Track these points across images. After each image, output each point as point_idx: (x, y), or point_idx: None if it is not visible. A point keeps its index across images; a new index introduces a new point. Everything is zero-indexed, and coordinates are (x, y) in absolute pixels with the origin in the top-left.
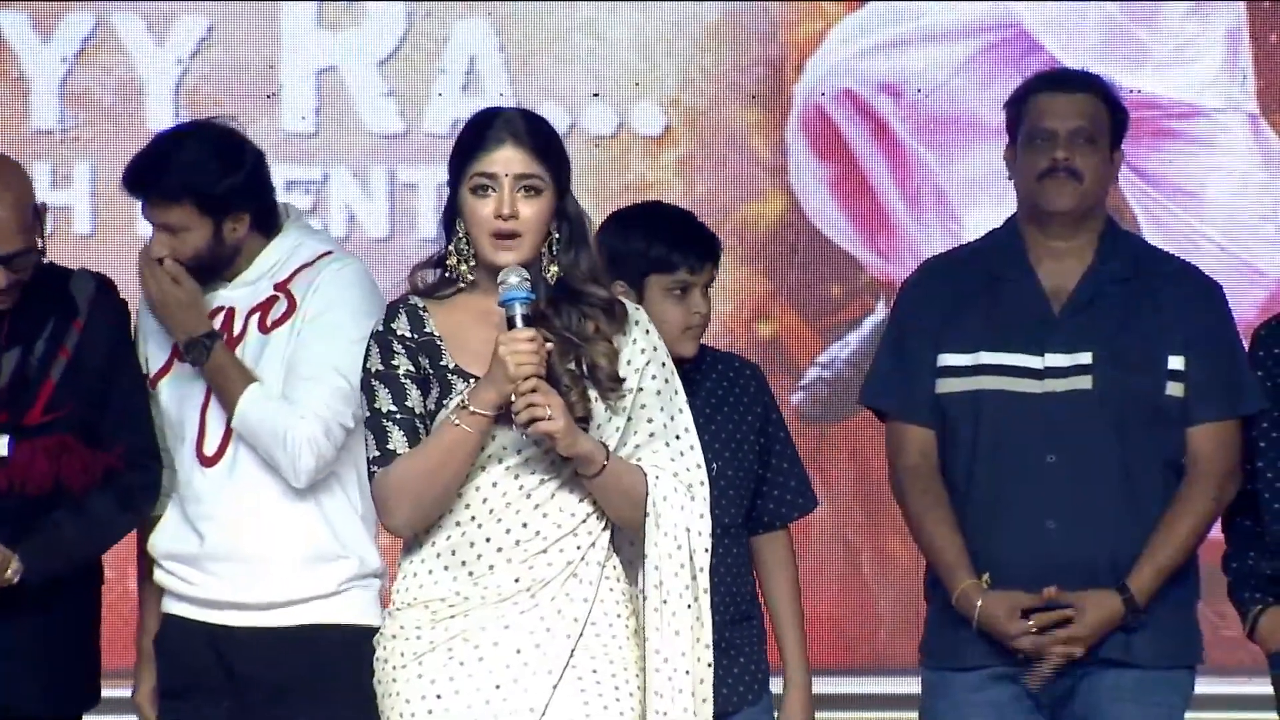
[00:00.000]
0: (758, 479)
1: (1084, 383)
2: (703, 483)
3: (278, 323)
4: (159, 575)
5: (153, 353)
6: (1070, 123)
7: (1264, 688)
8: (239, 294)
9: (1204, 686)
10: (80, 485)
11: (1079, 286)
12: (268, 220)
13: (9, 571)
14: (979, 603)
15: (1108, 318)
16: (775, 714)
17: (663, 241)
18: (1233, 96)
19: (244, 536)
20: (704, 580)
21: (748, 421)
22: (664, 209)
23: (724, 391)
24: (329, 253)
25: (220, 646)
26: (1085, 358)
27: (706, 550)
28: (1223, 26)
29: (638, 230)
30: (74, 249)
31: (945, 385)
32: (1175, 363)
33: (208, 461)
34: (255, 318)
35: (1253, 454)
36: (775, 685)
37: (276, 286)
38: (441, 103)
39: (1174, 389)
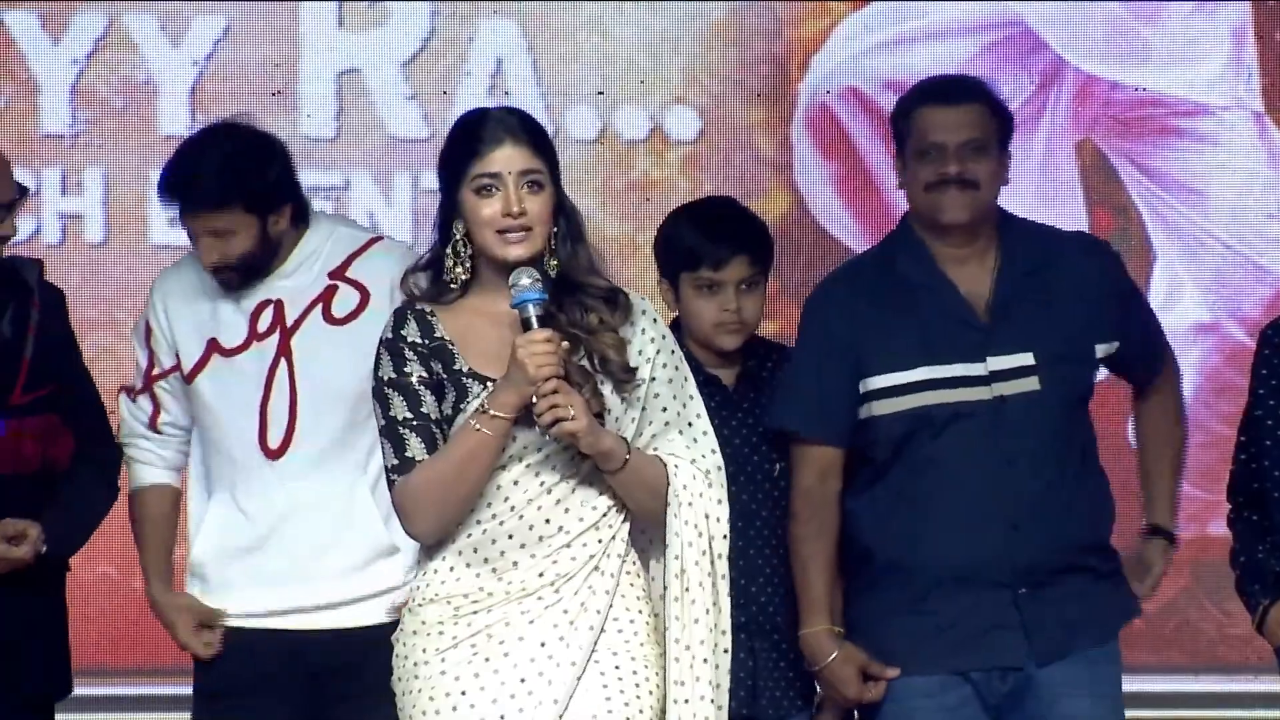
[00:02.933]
0: None
1: (1031, 384)
2: (719, 468)
3: (353, 314)
4: (208, 582)
5: (184, 345)
6: (959, 135)
7: (1270, 685)
8: (283, 284)
9: (1211, 684)
10: (65, 465)
11: (995, 289)
12: (304, 212)
13: (38, 543)
14: (833, 655)
15: (1034, 315)
16: None
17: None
18: (1238, 94)
19: (313, 528)
20: (722, 566)
21: None
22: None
23: None
24: (378, 238)
25: (293, 650)
26: (1027, 358)
27: (725, 536)
28: (1228, 24)
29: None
30: (85, 257)
31: (885, 406)
32: (1101, 350)
33: (273, 454)
34: (317, 309)
35: (1260, 452)
36: None
37: (331, 275)
38: (465, 106)
39: (1098, 375)
